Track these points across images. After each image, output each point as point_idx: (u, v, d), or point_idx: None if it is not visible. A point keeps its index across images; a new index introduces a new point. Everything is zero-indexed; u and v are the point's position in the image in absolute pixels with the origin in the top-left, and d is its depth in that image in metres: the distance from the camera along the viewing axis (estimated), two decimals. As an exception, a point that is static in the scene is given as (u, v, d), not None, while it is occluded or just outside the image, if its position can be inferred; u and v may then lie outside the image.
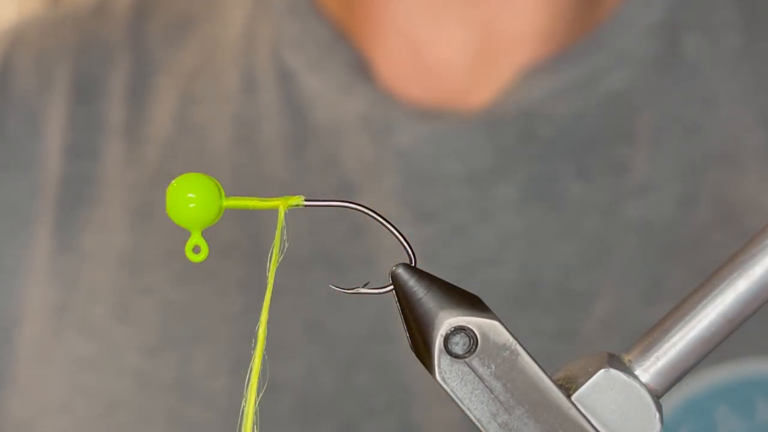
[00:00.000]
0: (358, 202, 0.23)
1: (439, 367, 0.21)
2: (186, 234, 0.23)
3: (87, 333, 0.46)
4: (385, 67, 0.47)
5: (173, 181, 0.22)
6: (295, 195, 0.42)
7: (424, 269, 0.22)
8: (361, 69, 0.47)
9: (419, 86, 0.47)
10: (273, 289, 0.48)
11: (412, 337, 0.22)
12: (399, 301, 0.22)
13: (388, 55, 0.47)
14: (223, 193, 0.23)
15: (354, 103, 0.47)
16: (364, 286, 0.23)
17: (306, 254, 0.45)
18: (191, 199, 0.22)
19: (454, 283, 0.22)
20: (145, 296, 0.46)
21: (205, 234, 0.23)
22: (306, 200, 0.23)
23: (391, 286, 0.22)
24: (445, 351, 0.21)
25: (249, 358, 0.44)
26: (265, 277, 0.23)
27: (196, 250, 0.23)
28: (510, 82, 0.47)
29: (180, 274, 0.46)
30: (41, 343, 0.47)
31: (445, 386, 0.21)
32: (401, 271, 0.22)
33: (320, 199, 0.23)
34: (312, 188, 0.46)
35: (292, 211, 0.23)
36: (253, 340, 0.24)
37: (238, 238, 0.46)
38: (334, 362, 0.45)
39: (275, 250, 0.23)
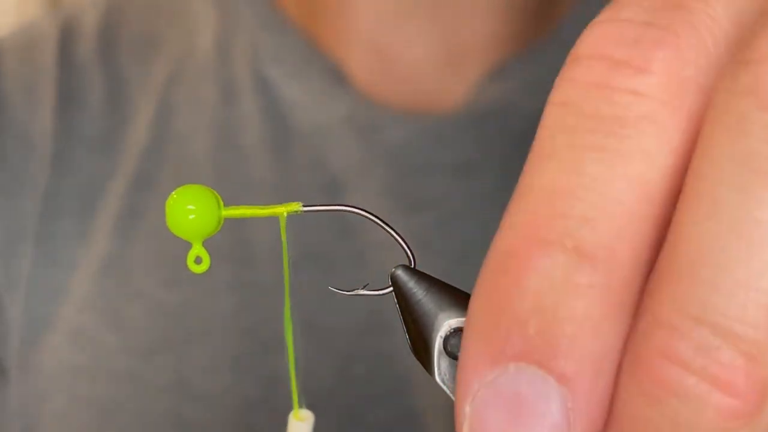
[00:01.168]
0: (357, 206, 0.23)
1: (438, 369, 0.21)
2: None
3: (79, 343, 0.47)
4: (359, 74, 0.48)
5: (172, 194, 0.23)
6: (286, 196, 0.43)
7: (424, 270, 0.23)
8: (338, 76, 0.48)
9: (393, 90, 0.48)
10: (267, 288, 0.48)
11: (411, 338, 0.22)
12: (398, 302, 0.22)
13: (361, 64, 0.49)
14: (221, 204, 0.23)
15: (335, 108, 0.48)
16: (364, 287, 0.23)
17: (298, 253, 0.46)
18: (191, 211, 0.23)
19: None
20: (134, 301, 0.47)
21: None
22: (304, 206, 0.23)
23: (391, 288, 0.23)
24: (444, 352, 0.21)
25: (245, 355, 0.45)
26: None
27: (198, 261, 0.23)
28: (478, 82, 0.48)
29: (168, 278, 0.47)
30: (33, 355, 0.47)
31: (445, 388, 0.21)
32: (400, 273, 0.22)
33: (319, 204, 0.24)
34: (299, 189, 0.47)
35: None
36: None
37: (224, 240, 0.46)
38: (332, 355, 0.46)
39: (284, 255, 0.23)
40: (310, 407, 0.46)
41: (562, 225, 0.18)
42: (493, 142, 0.47)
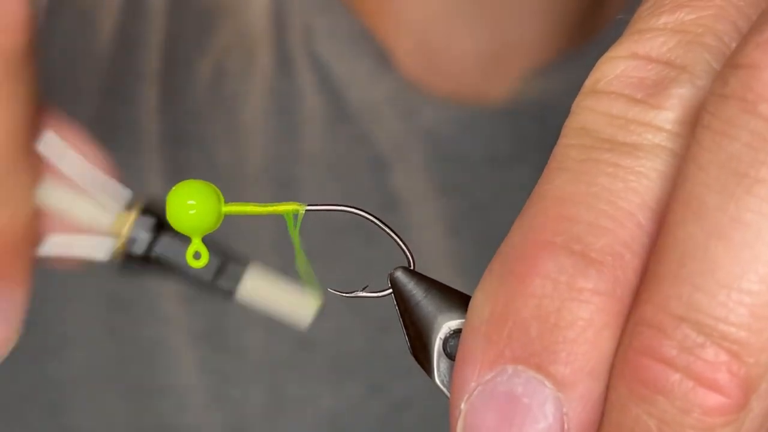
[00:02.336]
0: (357, 207, 0.23)
1: (438, 370, 0.21)
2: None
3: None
4: (404, 60, 0.50)
5: (173, 188, 0.23)
6: (334, 168, 0.44)
7: (424, 272, 0.22)
8: (385, 60, 0.50)
9: (436, 79, 0.50)
10: (308, 252, 0.49)
11: (410, 340, 0.22)
12: (398, 304, 0.22)
13: (407, 51, 0.50)
14: (222, 199, 0.23)
15: (382, 88, 0.49)
16: (363, 289, 0.23)
17: (342, 221, 0.47)
18: (191, 206, 0.22)
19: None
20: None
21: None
22: (308, 205, 0.23)
23: (390, 290, 0.22)
24: (444, 354, 0.21)
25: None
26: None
27: (197, 256, 0.23)
28: (520, 80, 0.49)
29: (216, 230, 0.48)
30: (70, 276, 0.48)
31: (443, 389, 0.21)
32: (400, 275, 0.22)
33: (322, 203, 0.23)
34: (346, 162, 0.49)
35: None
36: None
37: (271, 198, 0.48)
38: (366, 325, 0.47)
39: (297, 251, 0.24)
40: (339, 375, 0.47)
41: (569, 229, 0.18)
42: (529, 138, 0.48)
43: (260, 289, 0.28)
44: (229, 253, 0.29)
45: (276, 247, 0.47)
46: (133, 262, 0.29)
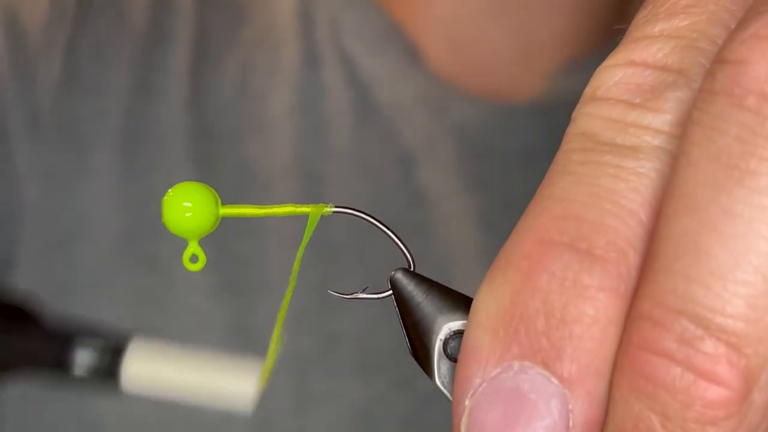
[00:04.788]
0: (358, 209, 0.23)
1: (438, 372, 0.21)
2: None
3: (150, 266, 0.48)
4: (434, 57, 0.51)
5: (169, 191, 0.22)
6: (361, 165, 0.45)
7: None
8: (414, 56, 0.50)
9: (465, 75, 0.51)
10: (335, 247, 0.49)
11: (411, 342, 0.22)
12: (398, 305, 0.22)
13: (436, 48, 0.51)
14: (219, 202, 0.23)
15: (411, 85, 0.50)
16: (363, 291, 0.23)
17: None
18: (187, 209, 0.22)
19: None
20: (206, 246, 0.49)
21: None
22: (309, 206, 0.23)
23: (390, 291, 0.22)
24: (444, 355, 0.21)
25: (307, 311, 0.46)
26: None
27: (194, 259, 0.23)
28: (548, 77, 0.50)
29: (240, 229, 0.48)
30: (101, 267, 0.49)
31: (444, 391, 0.21)
32: (400, 276, 0.22)
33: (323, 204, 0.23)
34: (374, 159, 0.50)
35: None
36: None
37: (300, 200, 0.48)
38: (392, 319, 0.47)
39: (301, 251, 0.24)
40: (366, 369, 0.47)
41: (574, 228, 0.18)
42: (560, 134, 0.49)
43: (152, 372, 0.26)
44: (108, 343, 0.28)
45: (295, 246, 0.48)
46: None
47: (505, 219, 0.48)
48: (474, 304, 0.19)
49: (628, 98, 0.19)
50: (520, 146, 0.49)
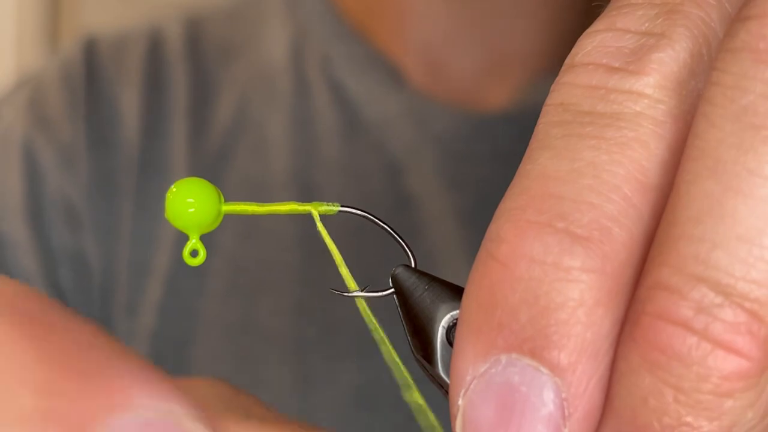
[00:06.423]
0: (361, 208, 0.23)
1: (441, 361, 0.21)
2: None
3: (166, 284, 0.52)
4: (414, 76, 0.56)
5: (172, 186, 0.22)
6: (353, 175, 0.49)
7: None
8: (396, 76, 0.55)
9: (443, 90, 0.56)
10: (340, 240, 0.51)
11: (412, 336, 0.22)
12: (399, 300, 0.22)
13: (416, 67, 0.56)
14: (222, 198, 0.23)
15: (394, 103, 0.55)
16: (364, 289, 0.23)
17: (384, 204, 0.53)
18: (190, 204, 0.22)
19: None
20: (212, 252, 0.52)
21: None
22: (309, 205, 0.23)
23: (392, 289, 0.22)
24: (447, 343, 0.21)
25: (308, 303, 0.50)
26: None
27: (194, 254, 0.23)
28: (518, 90, 0.55)
29: (243, 232, 0.52)
30: (129, 295, 0.52)
31: (447, 380, 0.21)
32: (401, 271, 0.22)
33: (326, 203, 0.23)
34: (364, 169, 0.54)
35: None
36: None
37: (299, 200, 0.52)
38: (391, 304, 0.49)
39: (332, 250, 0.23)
40: (366, 352, 0.49)
41: (553, 207, 0.17)
42: (529, 136, 0.52)
43: None
44: None
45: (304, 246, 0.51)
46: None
47: (483, 215, 0.51)
48: (462, 297, 0.18)
49: (607, 62, 0.18)
50: (492, 150, 0.53)
